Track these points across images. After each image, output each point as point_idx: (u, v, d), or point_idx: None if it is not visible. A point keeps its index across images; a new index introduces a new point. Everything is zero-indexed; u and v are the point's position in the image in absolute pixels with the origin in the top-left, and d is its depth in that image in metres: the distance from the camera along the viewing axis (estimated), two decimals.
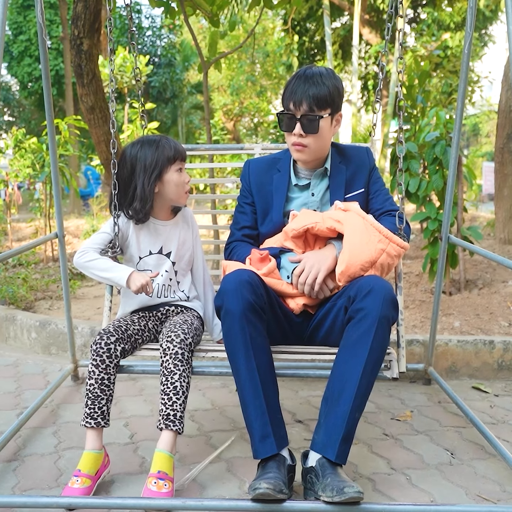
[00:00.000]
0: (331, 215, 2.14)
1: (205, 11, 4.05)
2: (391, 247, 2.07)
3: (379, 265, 2.06)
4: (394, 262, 2.12)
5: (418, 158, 4.28)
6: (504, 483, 2.11)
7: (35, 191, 6.66)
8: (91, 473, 1.99)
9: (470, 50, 2.49)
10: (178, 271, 2.38)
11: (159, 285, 2.34)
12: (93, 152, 13.45)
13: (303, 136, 2.19)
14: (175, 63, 20.84)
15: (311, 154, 2.26)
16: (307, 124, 2.17)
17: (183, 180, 2.30)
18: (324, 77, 2.17)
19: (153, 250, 2.35)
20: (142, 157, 2.24)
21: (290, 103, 2.18)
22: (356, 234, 2.06)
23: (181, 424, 2.02)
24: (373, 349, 1.90)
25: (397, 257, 2.11)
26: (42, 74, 2.59)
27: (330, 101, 2.17)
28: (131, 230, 2.33)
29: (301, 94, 2.15)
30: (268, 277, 2.12)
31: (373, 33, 12.58)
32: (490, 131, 22.92)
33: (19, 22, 17.80)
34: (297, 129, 2.19)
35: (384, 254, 2.06)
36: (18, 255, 5.52)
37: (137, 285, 2.16)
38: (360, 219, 2.10)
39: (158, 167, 2.23)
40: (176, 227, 2.39)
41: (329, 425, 1.89)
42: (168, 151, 2.25)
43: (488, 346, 3.15)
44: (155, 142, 2.27)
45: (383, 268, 2.09)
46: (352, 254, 2.04)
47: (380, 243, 2.06)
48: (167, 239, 2.36)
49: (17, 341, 3.77)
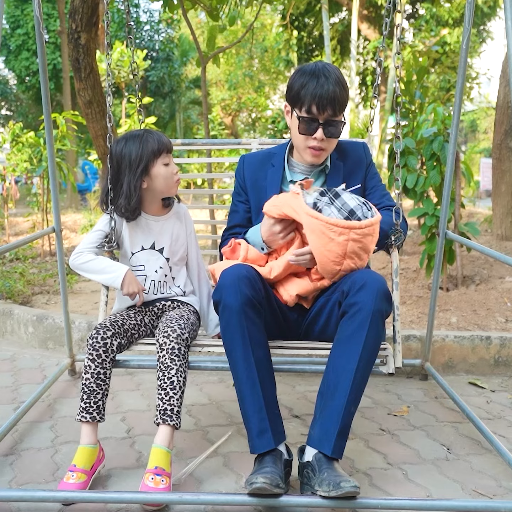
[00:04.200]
0: (288, 202, 2.10)
1: (205, 5, 4.03)
2: (353, 234, 1.98)
3: (351, 253, 2.00)
4: (367, 242, 2.02)
5: (416, 154, 4.28)
6: (500, 478, 2.11)
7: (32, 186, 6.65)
8: (86, 468, 1.99)
9: (468, 46, 2.49)
10: (173, 267, 2.38)
11: (155, 282, 2.34)
12: (91, 146, 13.44)
13: (324, 141, 2.16)
14: (173, 57, 20.76)
15: (325, 156, 2.26)
16: (330, 129, 2.14)
17: (171, 171, 2.29)
18: (339, 76, 2.12)
19: (145, 246, 2.35)
20: (127, 154, 2.23)
21: (313, 106, 2.10)
22: (315, 238, 2.00)
23: (178, 419, 2.02)
24: (367, 343, 1.90)
25: (366, 236, 2.00)
26: (40, 68, 2.58)
27: (347, 103, 2.17)
28: (124, 225, 2.33)
29: (326, 97, 2.07)
30: (248, 262, 2.14)
31: (371, 29, 12.58)
32: (488, 127, 22.90)
33: (16, 16, 17.70)
34: (319, 134, 2.13)
35: (350, 243, 1.99)
36: (15, 249, 5.52)
37: (129, 291, 2.21)
38: (314, 221, 2.01)
39: (143, 162, 2.22)
40: (169, 222, 2.38)
41: (324, 420, 1.90)
42: (152, 144, 2.24)
43: (484, 342, 3.16)
44: (138, 137, 2.25)
45: (358, 254, 2.02)
46: (319, 257, 2.01)
47: (342, 235, 1.98)
48: (159, 235, 2.36)
49: (14, 336, 3.77)
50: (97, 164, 10.33)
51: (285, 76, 20.96)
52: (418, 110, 4.71)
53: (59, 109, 16.09)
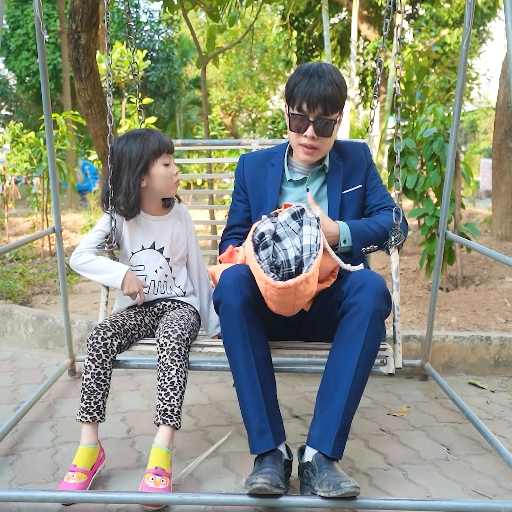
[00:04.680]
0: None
1: (205, 6, 4.04)
2: (271, 290, 1.85)
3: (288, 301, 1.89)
4: (289, 299, 1.87)
5: (416, 154, 4.28)
6: (499, 479, 2.11)
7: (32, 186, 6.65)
8: (87, 468, 1.99)
9: (468, 46, 2.49)
10: (173, 267, 2.38)
11: (155, 282, 2.35)
12: (91, 146, 13.43)
13: (314, 139, 2.17)
14: (173, 58, 20.76)
15: (319, 155, 2.25)
16: (321, 127, 2.14)
17: (170, 172, 2.29)
18: (334, 77, 2.12)
19: (145, 245, 2.35)
20: (128, 152, 2.24)
21: (304, 104, 2.11)
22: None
23: (178, 420, 2.02)
24: (367, 343, 1.90)
25: (287, 295, 1.85)
26: (40, 68, 2.58)
27: (342, 103, 2.15)
28: (124, 225, 2.33)
29: (317, 96, 2.08)
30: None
31: (371, 29, 12.58)
32: (487, 127, 22.91)
33: (16, 16, 17.70)
34: (309, 131, 2.14)
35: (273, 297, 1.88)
36: (15, 249, 5.51)
37: (130, 291, 2.22)
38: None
39: (143, 161, 2.23)
40: (169, 222, 2.38)
41: (324, 420, 1.90)
42: (153, 144, 2.24)
43: (484, 342, 3.16)
44: (140, 136, 2.26)
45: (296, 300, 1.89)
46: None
47: (262, 288, 1.89)
48: (159, 235, 2.36)
49: (14, 336, 3.77)
50: (97, 164, 10.33)
51: (285, 76, 20.97)
52: (418, 111, 4.71)
53: (59, 109, 16.10)
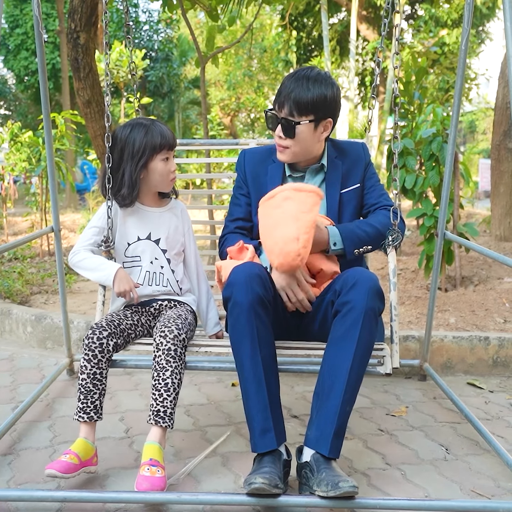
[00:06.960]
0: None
1: (204, 5, 4.04)
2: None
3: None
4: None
5: (414, 154, 4.29)
6: (498, 479, 2.12)
7: (31, 185, 6.64)
8: (81, 455, 1.97)
9: (467, 46, 2.49)
10: (171, 260, 2.37)
11: (149, 272, 2.32)
12: (90, 146, 13.41)
13: (282, 138, 2.21)
14: (172, 57, 20.76)
15: (292, 156, 2.26)
16: (285, 127, 2.18)
17: (168, 169, 2.28)
18: (313, 82, 2.13)
19: (141, 236, 2.34)
20: (131, 142, 2.23)
21: (276, 103, 2.20)
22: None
23: (170, 421, 2.01)
24: (361, 341, 1.90)
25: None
26: (39, 68, 2.58)
27: (312, 108, 2.14)
28: (119, 216, 2.32)
29: (284, 96, 2.15)
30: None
31: (370, 29, 12.57)
32: (486, 128, 22.91)
33: (15, 15, 17.67)
34: (278, 130, 2.21)
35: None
36: (14, 249, 5.52)
37: (121, 289, 2.19)
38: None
39: (145, 156, 2.22)
40: (165, 215, 2.37)
41: (321, 420, 1.90)
42: (156, 139, 2.23)
43: (483, 342, 3.16)
44: (144, 126, 2.25)
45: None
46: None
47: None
48: (155, 226, 2.34)
49: (13, 335, 3.76)
50: (96, 164, 10.32)
51: (284, 76, 20.91)
52: (417, 111, 4.71)
53: (58, 109, 16.08)
